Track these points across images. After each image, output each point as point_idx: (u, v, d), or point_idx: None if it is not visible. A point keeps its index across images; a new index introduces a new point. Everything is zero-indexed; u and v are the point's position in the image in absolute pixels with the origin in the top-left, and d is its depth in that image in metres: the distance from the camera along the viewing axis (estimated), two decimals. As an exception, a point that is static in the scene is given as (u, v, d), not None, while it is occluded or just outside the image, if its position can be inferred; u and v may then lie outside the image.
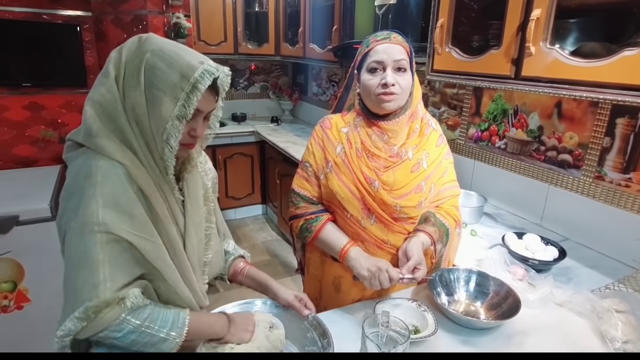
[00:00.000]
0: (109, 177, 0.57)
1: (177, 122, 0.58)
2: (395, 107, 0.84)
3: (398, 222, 0.88)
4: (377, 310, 0.82)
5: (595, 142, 1.19)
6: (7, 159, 1.89)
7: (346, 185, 0.87)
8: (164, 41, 0.61)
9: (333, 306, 0.92)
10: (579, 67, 0.90)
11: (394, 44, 0.83)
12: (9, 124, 1.88)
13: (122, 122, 0.59)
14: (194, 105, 0.58)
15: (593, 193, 1.20)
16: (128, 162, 0.58)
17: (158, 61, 0.58)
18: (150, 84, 0.57)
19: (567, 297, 0.93)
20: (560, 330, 0.84)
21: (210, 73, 0.58)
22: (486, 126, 1.53)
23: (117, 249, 0.56)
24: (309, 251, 1.01)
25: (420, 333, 0.78)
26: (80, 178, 0.57)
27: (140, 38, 0.61)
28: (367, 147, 0.87)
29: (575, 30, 1.01)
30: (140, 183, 0.59)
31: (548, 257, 1.06)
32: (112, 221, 0.55)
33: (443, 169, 0.93)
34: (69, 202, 0.57)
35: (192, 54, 0.60)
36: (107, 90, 0.58)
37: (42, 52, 1.86)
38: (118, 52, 0.61)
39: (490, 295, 0.88)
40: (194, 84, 0.57)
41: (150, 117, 0.58)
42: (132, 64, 0.58)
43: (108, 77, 0.59)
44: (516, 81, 1.05)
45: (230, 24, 2.65)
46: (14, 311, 1.51)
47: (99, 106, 0.59)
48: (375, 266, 0.81)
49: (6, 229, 1.44)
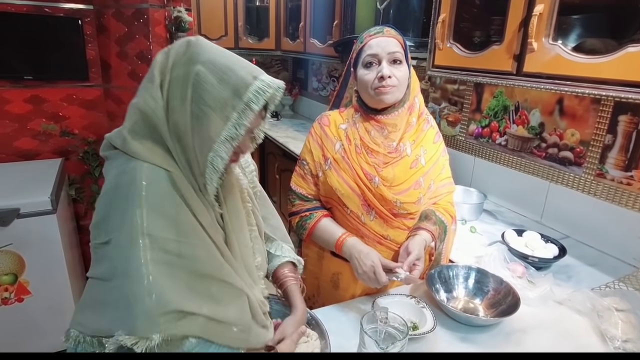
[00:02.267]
0: (153, 182, 0.52)
1: (227, 144, 0.53)
2: (393, 99, 0.84)
3: (397, 217, 0.88)
4: (376, 306, 0.82)
5: (597, 139, 1.17)
6: (8, 151, 1.89)
7: (346, 181, 0.86)
8: (215, 49, 0.56)
9: (331, 303, 0.92)
10: (582, 63, 0.89)
11: (387, 37, 0.83)
12: (10, 117, 1.88)
13: (164, 133, 0.54)
14: (247, 125, 0.54)
15: (594, 191, 1.20)
16: (172, 169, 0.54)
17: (209, 74, 0.53)
18: (198, 99, 0.52)
19: (566, 295, 0.93)
20: (559, 329, 0.84)
21: (264, 91, 0.54)
22: (487, 122, 1.52)
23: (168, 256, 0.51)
24: (305, 247, 1.01)
25: (419, 330, 0.78)
26: (122, 183, 0.53)
27: (188, 42, 0.56)
28: (366, 143, 0.87)
29: (578, 26, 1.00)
30: (183, 192, 0.55)
31: (548, 254, 1.06)
32: (158, 229, 0.51)
33: (441, 166, 0.93)
34: (111, 209, 0.53)
35: (246, 67, 0.55)
36: (151, 97, 0.54)
37: (44, 46, 1.85)
38: (165, 56, 0.56)
39: (490, 293, 0.88)
40: (246, 103, 0.53)
41: (195, 134, 0.53)
42: (179, 72, 0.54)
43: (153, 83, 0.54)
44: (518, 77, 1.04)
45: (231, 18, 2.63)
46: (14, 303, 1.52)
47: (141, 113, 0.55)
48: (362, 269, 0.81)
49: (7, 222, 1.45)
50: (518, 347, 0.78)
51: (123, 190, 0.52)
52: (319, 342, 0.70)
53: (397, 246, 0.89)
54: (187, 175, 0.56)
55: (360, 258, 0.82)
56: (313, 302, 1.02)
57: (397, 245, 0.89)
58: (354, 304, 0.88)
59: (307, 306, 1.04)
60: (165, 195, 0.53)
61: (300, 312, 0.74)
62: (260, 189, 0.82)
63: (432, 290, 0.86)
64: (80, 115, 2.00)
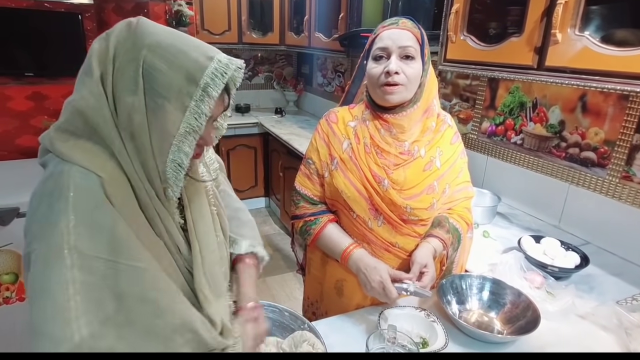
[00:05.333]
0: (84, 189, 0.45)
1: (189, 137, 0.47)
2: (399, 99, 0.77)
3: (407, 224, 0.81)
4: (382, 319, 0.76)
5: (624, 139, 1.09)
6: (11, 149, 1.88)
7: (353, 183, 0.80)
8: (161, 30, 0.49)
9: (334, 311, 0.87)
10: (612, 56, 0.81)
11: (401, 29, 0.75)
12: (12, 114, 1.86)
13: (110, 134, 0.47)
14: (207, 114, 0.47)
15: (619, 194, 1.11)
16: (105, 176, 0.46)
17: (157, 60, 0.46)
18: (149, 90, 0.46)
19: (590, 309, 0.86)
20: (582, 347, 0.77)
21: (222, 72, 0.47)
22: (501, 120, 1.44)
23: (92, 279, 0.44)
24: (309, 251, 0.96)
25: (429, 347, 0.72)
26: (48, 188, 0.46)
27: (129, 24, 0.49)
28: (376, 142, 0.80)
29: (607, 15, 0.91)
30: (116, 203, 0.47)
31: (569, 264, 0.98)
32: (86, 244, 0.44)
33: (458, 168, 0.86)
34: (34, 217, 0.46)
35: (199, 48, 0.49)
36: (90, 93, 0.47)
37: (44, 41, 1.83)
38: (103, 42, 0.48)
39: (507, 306, 0.82)
40: (203, 89, 0.46)
41: (152, 130, 0.47)
42: (123, 60, 0.46)
43: (92, 77, 0.47)
44: (539, 72, 0.96)
45: (234, 12, 2.58)
46: (15, 302, 1.51)
47: (79, 113, 0.47)
48: (370, 285, 0.76)
49: (7, 221, 1.43)
50: (538, 367, 0.71)
51: (47, 198, 0.45)
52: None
53: (406, 254, 0.83)
54: (141, 180, 0.49)
55: (368, 273, 0.77)
56: (316, 307, 0.97)
57: (406, 253, 0.83)
58: (360, 315, 0.83)
59: (310, 311, 1.00)
60: (97, 205, 0.45)
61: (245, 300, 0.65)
62: (224, 188, 0.76)
63: (444, 302, 0.80)
64: (81, 112, 1.98)
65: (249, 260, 0.72)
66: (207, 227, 0.60)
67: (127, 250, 0.47)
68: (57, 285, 0.42)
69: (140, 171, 0.49)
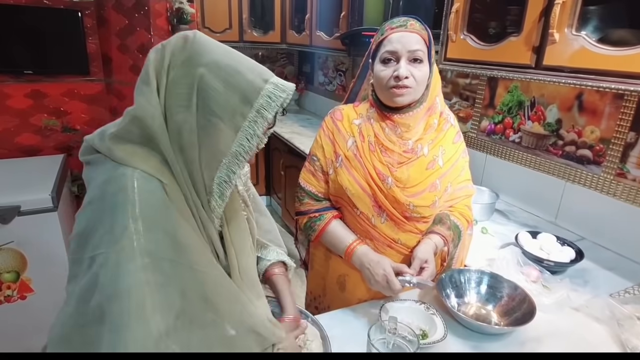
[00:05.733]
0: (148, 192, 0.46)
1: (240, 157, 0.48)
2: (408, 101, 0.78)
3: (410, 221, 0.83)
4: (383, 312, 0.78)
5: (618, 137, 1.11)
6: (10, 147, 1.88)
7: (357, 180, 0.82)
8: (217, 48, 0.50)
9: (337, 305, 0.89)
10: (608, 55, 0.83)
11: (410, 32, 0.76)
12: (12, 112, 1.86)
13: (163, 143, 0.48)
14: (259, 136, 0.48)
15: (614, 191, 1.14)
16: (166, 180, 0.47)
17: (214, 79, 0.47)
18: (203, 107, 0.47)
19: (584, 302, 0.89)
20: (576, 337, 0.79)
21: (277, 96, 0.48)
22: (500, 118, 1.46)
23: (162, 279, 0.45)
24: (313, 247, 0.97)
25: (429, 338, 0.74)
26: (110, 191, 0.46)
27: (186, 38, 0.49)
28: (380, 140, 0.82)
29: (605, 16, 0.93)
30: (179, 206, 0.48)
31: (564, 258, 1.01)
32: (153, 246, 0.45)
33: (460, 167, 0.88)
34: (97, 221, 0.46)
35: (254, 70, 0.49)
36: (148, 102, 0.48)
37: (44, 39, 1.82)
38: (159, 54, 0.49)
39: (504, 299, 0.84)
40: (258, 110, 0.47)
41: (202, 146, 0.47)
42: (178, 74, 0.47)
43: (149, 86, 0.48)
44: (537, 71, 0.98)
45: (235, 10, 2.57)
46: (17, 301, 1.51)
47: (137, 120, 0.48)
48: (374, 279, 0.78)
49: (8, 219, 1.43)
50: (534, 357, 0.74)
51: (111, 199, 0.46)
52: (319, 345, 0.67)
53: (408, 250, 0.85)
54: (188, 189, 0.50)
55: (372, 267, 0.79)
56: (319, 302, 0.99)
57: (408, 250, 0.85)
58: (362, 309, 0.85)
59: (313, 306, 1.02)
60: (161, 208, 0.46)
61: (291, 311, 0.70)
62: (253, 191, 0.78)
63: (443, 295, 0.82)
64: (81, 110, 1.98)
65: (278, 270, 0.75)
66: (242, 233, 0.62)
67: (189, 253, 0.48)
68: (132, 287, 0.43)
69: (188, 181, 0.50)
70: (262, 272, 0.76)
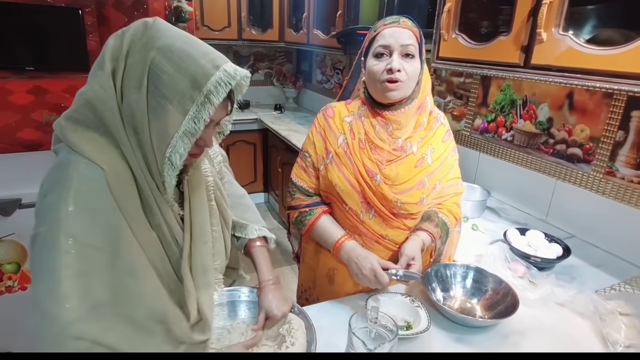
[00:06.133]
0: (87, 181, 0.48)
1: (185, 139, 0.49)
2: (400, 96, 0.80)
3: (397, 217, 0.85)
4: (369, 304, 0.80)
5: (608, 135, 1.13)
6: (12, 142, 1.91)
7: (346, 177, 0.84)
8: (174, 33, 0.51)
9: (326, 297, 0.91)
10: (594, 55, 0.84)
11: (402, 28, 0.78)
12: (13, 107, 1.89)
13: (116, 126, 0.49)
14: (207, 120, 0.49)
15: (603, 189, 1.15)
16: (108, 168, 0.49)
17: (165, 62, 0.48)
18: (154, 90, 0.48)
19: (568, 297, 0.90)
20: (559, 331, 0.81)
21: (226, 82, 0.49)
22: (493, 117, 1.47)
23: (84, 266, 0.47)
24: (304, 241, 1.00)
25: (413, 329, 0.76)
26: (55, 176, 0.49)
27: (145, 24, 0.51)
28: (370, 138, 0.83)
29: (592, 16, 0.94)
30: (116, 195, 0.49)
31: (551, 255, 1.02)
32: (82, 231, 0.47)
33: (449, 165, 0.89)
34: (42, 202, 0.49)
35: (207, 55, 0.50)
36: (101, 86, 0.49)
37: (45, 36, 1.85)
38: (119, 40, 0.50)
39: (488, 293, 0.86)
40: (206, 96, 0.48)
41: (152, 128, 0.49)
42: (135, 59, 0.49)
43: (103, 70, 0.49)
44: (525, 70, 0.99)
45: (234, 8, 2.59)
46: (18, 292, 1.55)
47: (89, 104, 0.49)
48: (362, 273, 0.79)
49: (9, 212, 1.46)
50: (515, 349, 0.75)
51: (54, 185, 0.49)
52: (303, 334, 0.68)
53: (396, 246, 0.86)
54: (142, 172, 0.52)
55: (360, 262, 0.81)
56: (309, 294, 1.01)
57: (396, 246, 0.86)
58: (349, 301, 0.87)
59: (304, 298, 1.04)
60: (98, 196, 0.48)
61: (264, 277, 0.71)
62: (229, 178, 0.79)
63: (429, 289, 0.84)
64: (82, 106, 2.00)
65: (260, 243, 0.78)
66: (203, 220, 0.62)
67: (119, 241, 0.49)
68: (52, 268, 0.45)
69: (142, 163, 0.51)
70: (242, 249, 0.79)
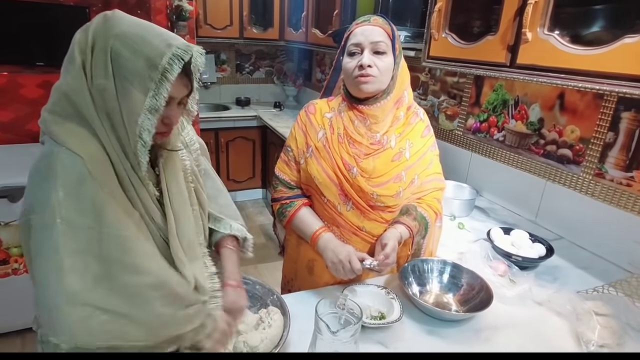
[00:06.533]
0: (69, 169, 0.52)
1: (150, 116, 0.53)
2: (372, 89, 0.83)
3: (374, 210, 0.87)
4: (344, 294, 0.82)
5: (597, 137, 1.12)
6: (22, 133, 1.99)
7: (325, 170, 0.86)
8: (130, 21, 0.55)
9: (306, 287, 0.94)
10: (576, 55, 0.84)
11: (373, 26, 0.81)
12: (24, 100, 1.97)
13: (91, 114, 0.54)
14: (165, 95, 0.53)
15: (592, 191, 1.14)
16: (86, 156, 0.54)
17: (122, 47, 0.52)
18: (117, 74, 0.52)
19: (547, 296, 0.90)
20: (533, 329, 0.82)
21: (179, 58, 0.53)
22: (485, 117, 1.47)
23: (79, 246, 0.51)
24: (287, 233, 1.02)
25: (386, 319, 0.78)
26: (40, 166, 0.54)
27: (105, 16, 0.55)
28: (349, 133, 0.86)
29: (577, 16, 0.94)
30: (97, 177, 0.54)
31: (533, 254, 1.03)
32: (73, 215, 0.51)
33: (428, 160, 0.91)
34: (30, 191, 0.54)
35: (160, 36, 0.54)
36: (73, 78, 0.53)
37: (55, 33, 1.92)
38: (84, 34, 0.54)
39: (464, 288, 0.87)
40: (162, 73, 0.52)
41: (122, 109, 0.53)
42: (99, 48, 0.53)
43: (74, 64, 0.53)
44: (511, 69, 0.99)
45: (236, 7, 2.64)
46: (23, 274, 1.62)
47: (64, 95, 0.54)
48: (337, 258, 0.81)
49: (17, 198, 1.54)
50: (485, 343, 0.76)
51: (40, 174, 0.54)
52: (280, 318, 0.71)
53: (373, 238, 0.88)
54: (118, 155, 0.56)
55: (336, 248, 0.83)
56: (291, 285, 1.04)
57: (373, 238, 0.88)
58: (326, 291, 0.89)
59: (287, 289, 1.06)
60: (81, 181, 0.53)
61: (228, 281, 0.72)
62: (205, 167, 0.82)
63: (405, 283, 0.85)
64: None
65: (231, 245, 0.79)
66: (182, 199, 0.66)
67: (107, 219, 0.54)
68: (53, 248, 0.50)
69: (117, 146, 0.56)
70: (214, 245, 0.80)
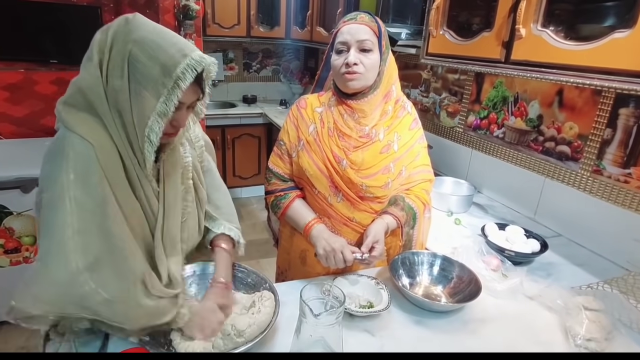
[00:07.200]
0: (80, 154, 0.57)
1: (159, 119, 0.57)
2: (359, 86, 0.85)
3: (364, 200, 0.89)
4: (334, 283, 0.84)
5: (595, 133, 1.11)
6: (36, 128, 2.09)
7: (315, 163, 0.89)
8: (149, 27, 0.58)
9: (299, 278, 0.96)
10: (569, 50, 0.85)
11: (359, 24, 0.84)
12: (38, 97, 2.06)
13: (104, 109, 0.58)
14: (176, 102, 0.57)
15: (590, 188, 1.14)
16: (97, 144, 0.58)
17: (140, 53, 0.55)
18: (132, 77, 0.56)
19: (538, 291, 0.91)
20: (522, 322, 0.82)
21: (193, 68, 0.56)
22: (485, 114, 1.47)
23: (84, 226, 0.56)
24: (281, 224, 1.05)
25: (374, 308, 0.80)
26: (54, 149, 0.59)
27: (126, 20, 0.58)
28: (338, 126, 0.89)
29: (572, 12, 0.94)
30: (104, 166, 0.58)
31: (526, 249, 1.03)
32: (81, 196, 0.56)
33: (415, 152, 0.93)
34: (43, 171, 0.59)
35: (176, 45, 0.57)
36: (90, 75, 0.57)
37: (68, 32, 2.01)
38: (104, 35, 0.58)
39: (454, 280, 0.88)
40: (175, 81, 0.56)
41: (133, 110, 0.57)
42: (117, 49, 0.56)
43: (92, 61, 0.57)
44: (506, 65, 1.00)
45: (243, 7, 2.68)
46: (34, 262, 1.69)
47: (80, 90, 0.58)
48: (330, 247, 0.83)
49: (28, 189, 1.62)
50: (472, 335, 0.77)
51: (54, 156, 0.58)
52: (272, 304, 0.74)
53: (363, 229, 0.90)
54: (126, 149, 0.60)
55: (330, 238, 0.85)
56: (285, 276, 1.07)
57: (363, 228, 0.90)
58: (317, 281, 0.91)
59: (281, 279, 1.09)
60: (89, 167, 0.57)
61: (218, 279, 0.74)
62: (208, 166, 0.85)
63: (395, 275, 0.87)
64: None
65: (224, 245, 0.82)
66: (175, 196, 0.70)
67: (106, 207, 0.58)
68: (59, 225, 0.55)
69: (126, 142, 0.60)
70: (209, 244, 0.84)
